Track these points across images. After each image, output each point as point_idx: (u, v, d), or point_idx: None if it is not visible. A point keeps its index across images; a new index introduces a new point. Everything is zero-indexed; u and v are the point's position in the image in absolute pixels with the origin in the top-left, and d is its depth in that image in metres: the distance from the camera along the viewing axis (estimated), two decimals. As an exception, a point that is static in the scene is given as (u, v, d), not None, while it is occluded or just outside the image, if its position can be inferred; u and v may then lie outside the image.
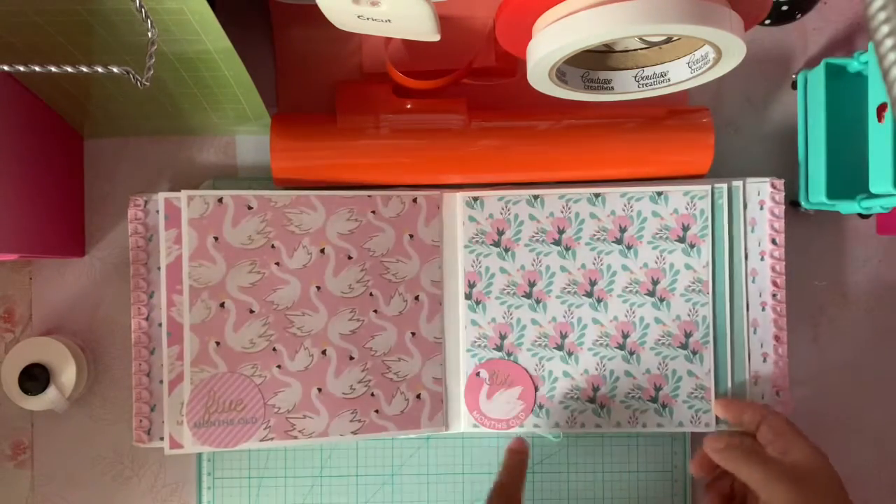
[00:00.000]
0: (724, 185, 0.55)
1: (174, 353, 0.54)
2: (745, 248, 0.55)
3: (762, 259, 0.55)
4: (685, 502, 0.57)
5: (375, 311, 0.55)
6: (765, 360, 0.55)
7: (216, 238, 0.53)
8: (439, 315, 0.56)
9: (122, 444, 0.56)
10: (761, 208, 0.55)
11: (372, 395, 0.54)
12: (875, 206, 0.50)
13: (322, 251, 0.54)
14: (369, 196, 0.55)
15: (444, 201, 0.56)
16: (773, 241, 0.55)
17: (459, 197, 0.56)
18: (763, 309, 0.55)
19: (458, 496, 0.57)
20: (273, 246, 0.54)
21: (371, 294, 0.55)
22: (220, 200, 0.53)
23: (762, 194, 0.55)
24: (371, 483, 0.57)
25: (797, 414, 0.57)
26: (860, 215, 0.56)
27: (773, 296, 0.55)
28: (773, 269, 0.55)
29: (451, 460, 0.57)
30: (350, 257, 0.55)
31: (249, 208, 0.53)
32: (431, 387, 0.55)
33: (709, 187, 0.55)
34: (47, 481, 0.56)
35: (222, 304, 0.53)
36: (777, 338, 0.55)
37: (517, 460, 0.51)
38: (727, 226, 0.55)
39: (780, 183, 0.55)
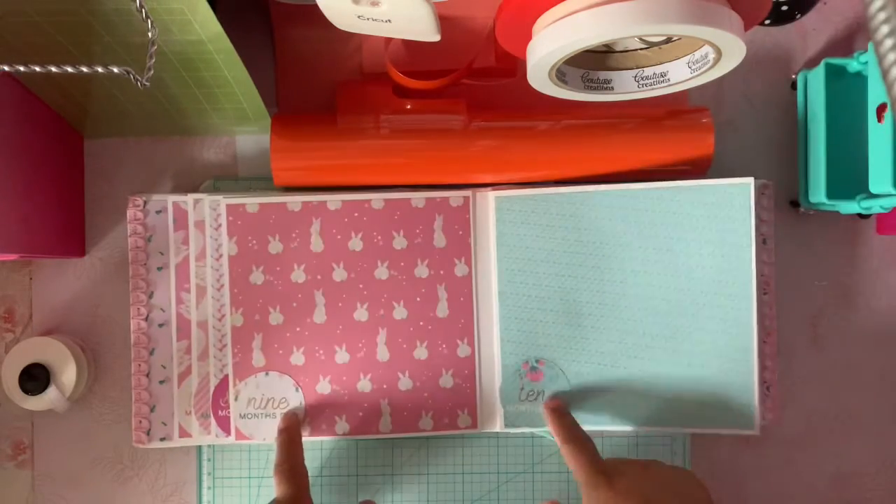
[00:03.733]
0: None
1: (183, 348, 0.54)
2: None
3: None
4: (685, 502, 0.57)
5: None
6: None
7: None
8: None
9: (122, 443, 0.56)
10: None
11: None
12: (875, 206, 0.50)
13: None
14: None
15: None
16: (764, 241, 0.55)
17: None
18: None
19: (458, 496, 0.57)
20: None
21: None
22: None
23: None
24: (371, 483, 0.57)
25: (797, 414, 0.57)
26: (860, 215, 0.56)
27: (764, 294, 0.55)
28: (763, 268, 0.55)
29: (452, 460, 0.57)
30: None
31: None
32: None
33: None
34: (47, 481, 0.56)
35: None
36: (768, 334, 0.55)
37: (284, 439, 0.52)
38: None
39: (769, 183, 0.55)
